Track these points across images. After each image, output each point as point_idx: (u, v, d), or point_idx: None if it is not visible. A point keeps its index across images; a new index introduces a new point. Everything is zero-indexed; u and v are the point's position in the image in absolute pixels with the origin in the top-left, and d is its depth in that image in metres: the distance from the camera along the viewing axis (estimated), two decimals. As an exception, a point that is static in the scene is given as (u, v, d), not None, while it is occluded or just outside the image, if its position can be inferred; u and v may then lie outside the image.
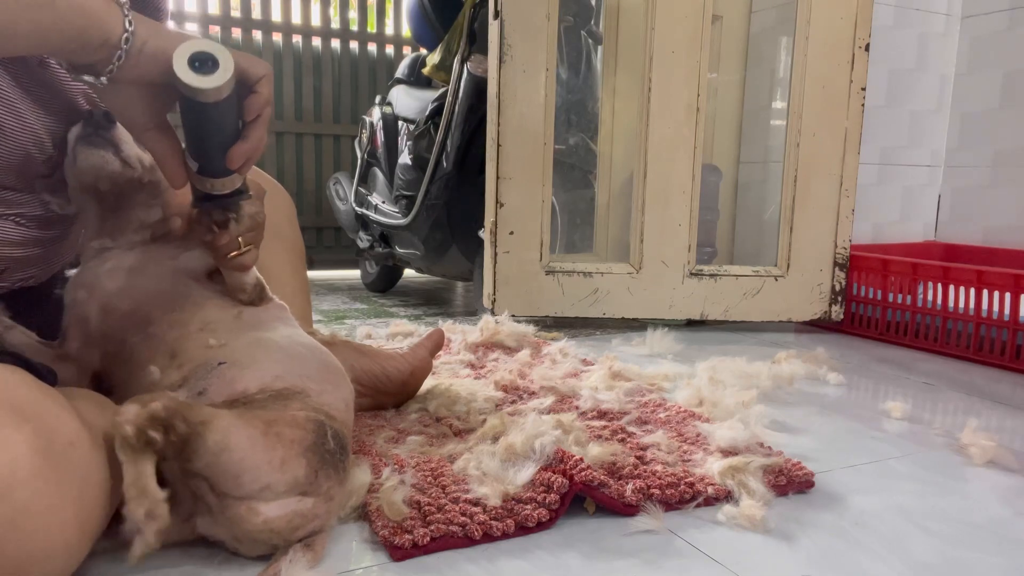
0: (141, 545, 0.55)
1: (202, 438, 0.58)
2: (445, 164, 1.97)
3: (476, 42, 1.92)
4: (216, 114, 0.62)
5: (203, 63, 0.59)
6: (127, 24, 0.61)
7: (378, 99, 2.55)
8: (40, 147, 0.78)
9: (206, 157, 0.65)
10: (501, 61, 1.72)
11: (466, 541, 0.71)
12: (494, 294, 1.80)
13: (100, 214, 0.83)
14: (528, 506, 0.75)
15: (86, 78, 0.62)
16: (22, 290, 0.84)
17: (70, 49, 0.60)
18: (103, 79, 0.62)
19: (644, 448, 0.93)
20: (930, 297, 1.69)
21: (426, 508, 0.74)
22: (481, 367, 1.37)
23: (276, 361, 0.74)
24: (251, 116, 0.65)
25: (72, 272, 0.92)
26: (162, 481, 0.61)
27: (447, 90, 1.99)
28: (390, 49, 3.82)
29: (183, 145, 0.67)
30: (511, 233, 1.78)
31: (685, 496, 0.81)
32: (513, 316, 1.69)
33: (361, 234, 2.60)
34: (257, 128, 0.66)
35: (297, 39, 3.63)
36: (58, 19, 0.58)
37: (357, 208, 2.57)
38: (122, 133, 0.80)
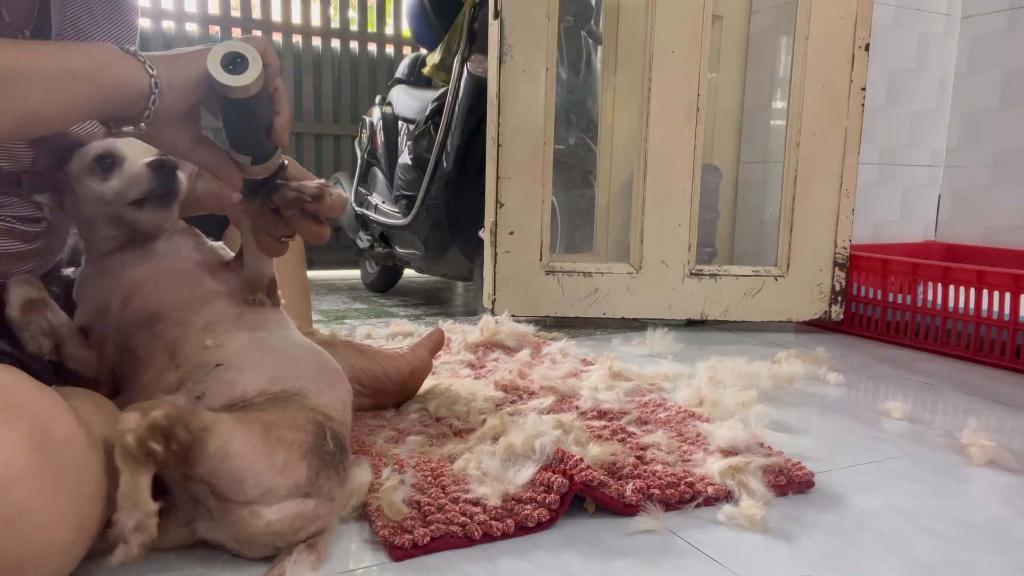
0: (123, 553, 0.55)
1: (204, 445, 0.58)
2: (445, 164, 1.96)
3: (476, 42, 1.92)
4: (257, 102, 0.66)
5: (233, 63, 0.62)
6: (149, 69, 0.62)
7: (378, 99, 2.55)
8: (13, 159, 0.76)
9: (255, 146, 0.68)
10: (501, 61, 1.72)
11: (466, 541, 0.71)
12: (494, 294, 1.79)
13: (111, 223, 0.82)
14: (528, 506, 0.75)
15: (126, 129, 0.64)
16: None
17: (110, 110, 0.62)
18: (142, 125, 0.64)
19: (644, 448, 0.93)
20: (930, 297, 1.69)
21: (426, 508, 0.74)
22: (481, 367, 1.36)
23: (273, 363, 0.74)
24: (272, 89, 0.68)
25: (69, 271, 0.92)
26: (161, 485, 0.61)
27: (447, 90, 1.99)
28: (390, 49, 3.82)
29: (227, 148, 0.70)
30: (511, 233, 1.78)
31: (685, 496, 0.81)
32: (513, 316, 1.69)
33: (361, 234, 2.60)
34: (282, 100, 0.69)
35: (297, 39, 3.63)
36: (96, 89, 0.60)
37: (357, 208, 2.57)
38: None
